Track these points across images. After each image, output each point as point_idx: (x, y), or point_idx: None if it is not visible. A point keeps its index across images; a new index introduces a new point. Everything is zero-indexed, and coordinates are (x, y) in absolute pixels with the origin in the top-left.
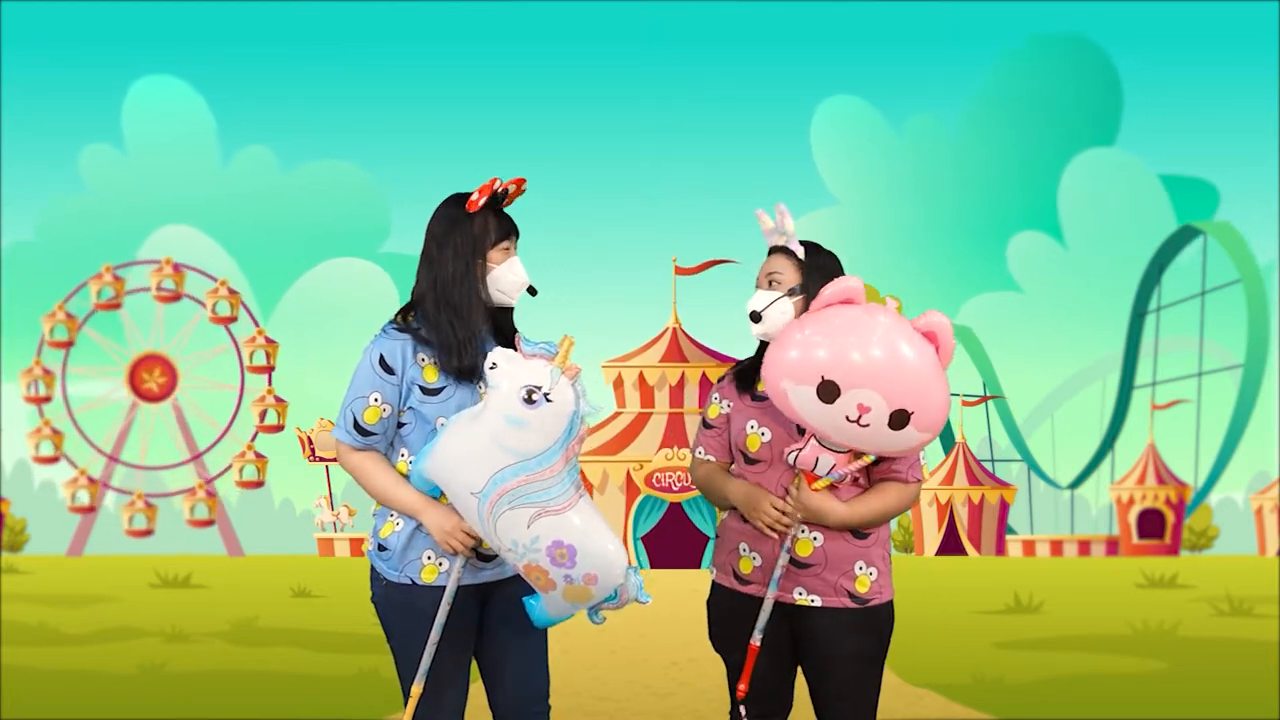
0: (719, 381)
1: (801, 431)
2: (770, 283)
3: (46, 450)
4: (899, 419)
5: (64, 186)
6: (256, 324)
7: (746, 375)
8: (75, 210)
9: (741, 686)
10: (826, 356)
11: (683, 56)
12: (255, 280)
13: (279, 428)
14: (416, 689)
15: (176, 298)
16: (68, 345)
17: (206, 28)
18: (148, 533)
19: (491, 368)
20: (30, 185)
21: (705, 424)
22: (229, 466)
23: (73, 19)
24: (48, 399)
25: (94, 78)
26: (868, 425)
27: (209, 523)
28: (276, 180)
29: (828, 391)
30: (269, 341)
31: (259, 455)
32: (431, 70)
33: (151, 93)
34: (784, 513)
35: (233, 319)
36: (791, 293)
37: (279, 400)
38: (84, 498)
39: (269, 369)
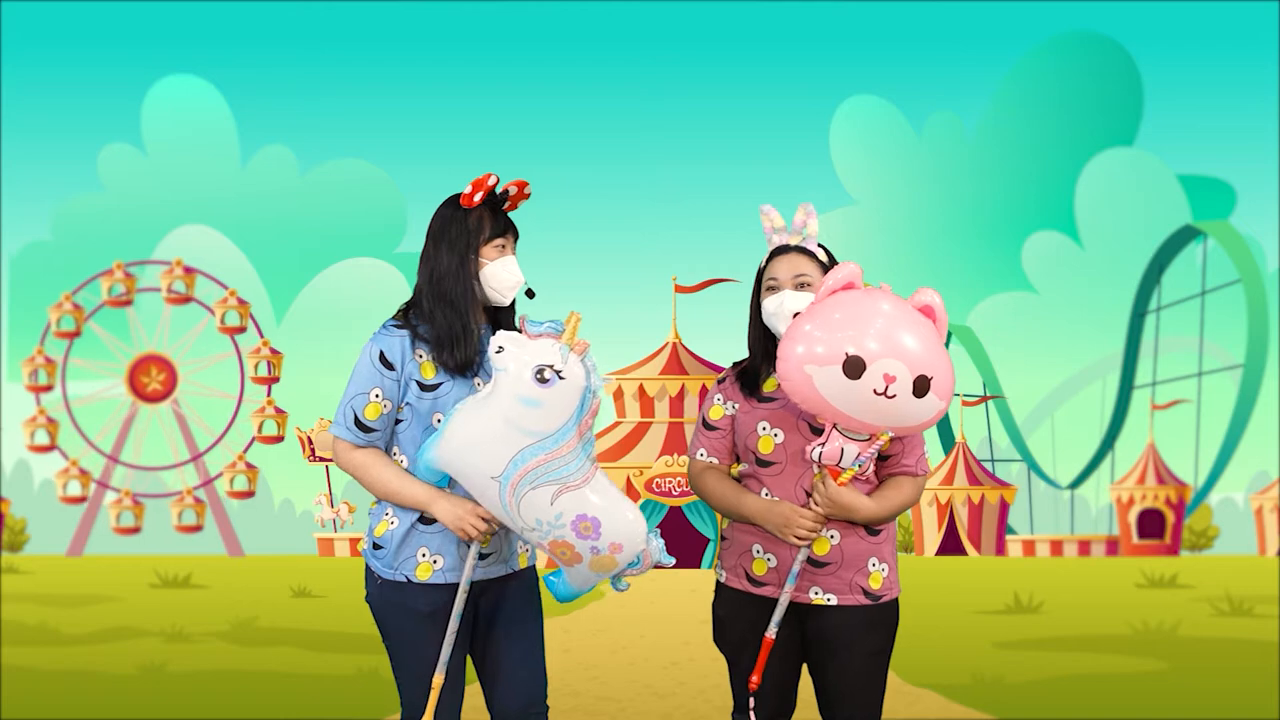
0: (719, 383)
1: (815, 430)
2: (799, 285)
3: (41, 439)
4: (921, 385)
5: (82, 186)
6: (261, 335)
7: (750, 376)
8: (92, 209)
9: (754, 679)
10: (846, 335)
11: (702, 56)
12: (270, 280)
13: (279, 439)
14: (438, 679)
15: (186, 300)
16: (74, 335)
17: (227, 28)
18: (197, 528)
19: (498, 351)
20: (48, 184)
21: (707, 425)
22: (219, 474)
23: (92, 18)
24: (49, 387)
25: (114, 77)
26: (894, 396)
27: (198, 528)
28: (295, 180)
29: (854, 367)
30: (274, 353)
31: (250, 465)
32: (450, 71)
33: (172, 92)
34: (819, 522)
35: (241, 329)
36: None
37: (279, 411)
38: (75, 488)
39: (273, 380)
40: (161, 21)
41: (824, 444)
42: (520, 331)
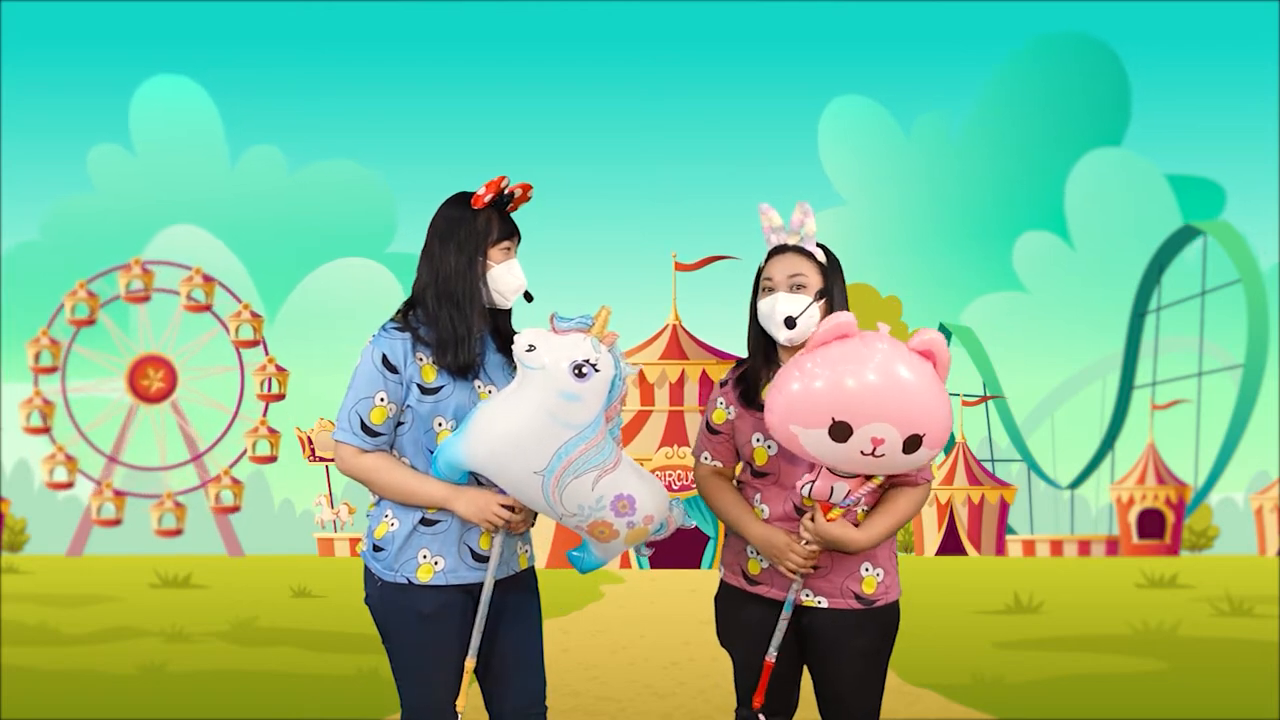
0: (721, 385)
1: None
2: (794, 286)
3: (61, 476)
4: (912, 444)
5: (71, 186)
6: (238, 300)
7: (748, 385)
8: (82, 210)
9: (757, 699)
10: (833, 398)
11: (690, 56)
12: (261, 280)
13: (280, 396)
14: (470, 662)
15: (205, 309)
16: (88, 323)
17: (215, 28)
18: (177, 532)
19: (529, 350)
20: (37, 185)
21: (710, 428)
22: (245, 450)
23: (81, 18)
24: (47, 430)
25: (102, 77)
26: (883, 455)
27: (236, 508)
28: (284, 180)
29: (840, 432)
30: (254, 315)
31: (271, 430)
32: (439, 71)
33: (160, 92)
34: (811, 558)
35: (255, 343)
36: (819, 296)
37: (280, 369)
38: (62, 474)
39: (258, 342)
40: (149, 22)
41: (813, 481)
42: (550, 327)
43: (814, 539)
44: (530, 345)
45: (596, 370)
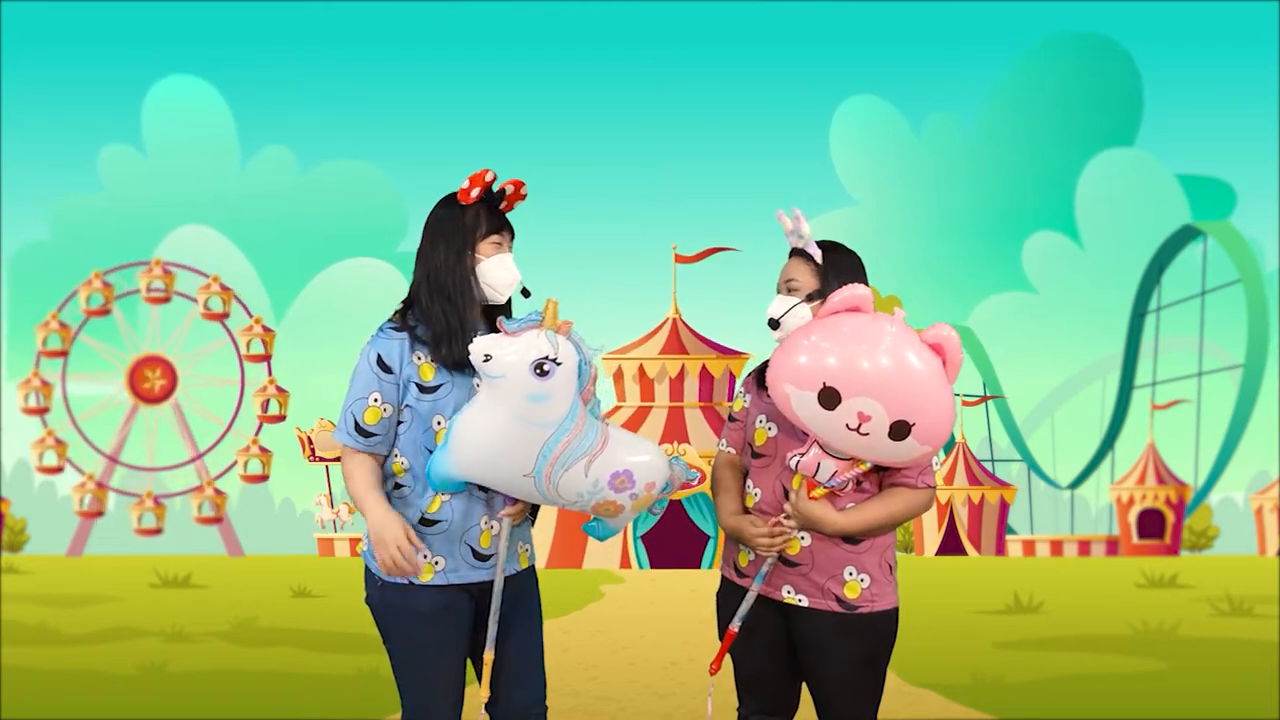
0: (745, 376)
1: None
2: (788, 288)
3: (50, 460)
4: (899, 430)
5: (82, 186)
6: (250, 314)
7: (764, 372)
8: (93, 210)
9: (713, 666)
10: (830, 363)
11: (703, 56)
12: (271, 280)
13: (281, 418)
14: (489, 655)
15: (166, 299)
16: (62, 354)
17: (227, 28)
18: (217, 519)
19: (485, 360)
20: (49, 185)
21: (730, 417)
22: (234, 463)
23: (93, 19)
24: (45, 410)
25: (114, 78)
26: (867, 434)
27: (218, 519)
28: (295, 180)
29: (829, 398)
30: (265, 330)
31: (263, 449)
32: (450, 71)
33: (171, 93)
34: (775, 534)
35: (225, 315)
36: (809, 298)
37: (280, 390)
38: (51, 458)
39: (266, 357)
40: (161, 22)
41: (803, 455)
42: (499, 332)
43: (794, 515)
44: (486, 355)
45: (558, 364)
